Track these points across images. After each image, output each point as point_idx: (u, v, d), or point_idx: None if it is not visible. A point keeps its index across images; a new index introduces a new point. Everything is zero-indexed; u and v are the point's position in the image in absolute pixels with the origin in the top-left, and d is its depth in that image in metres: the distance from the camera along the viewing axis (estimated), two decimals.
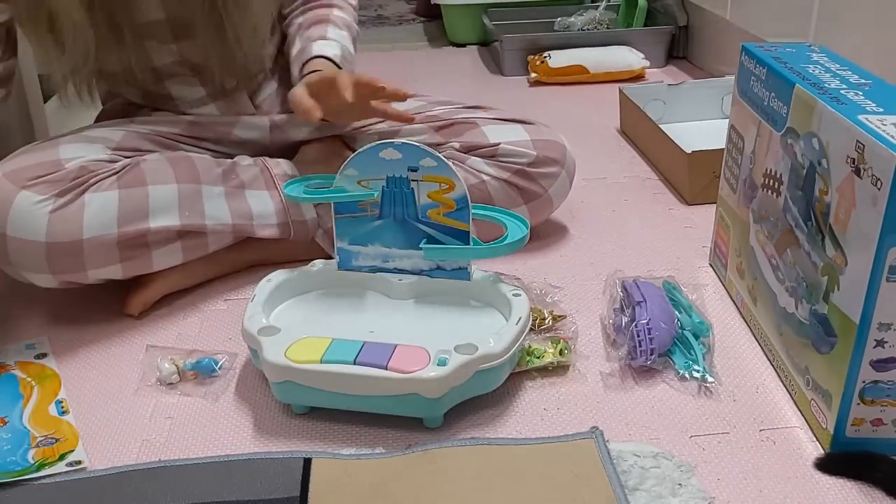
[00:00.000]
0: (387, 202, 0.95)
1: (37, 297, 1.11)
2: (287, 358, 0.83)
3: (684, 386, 0.90)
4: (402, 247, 0.97)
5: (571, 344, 0.95)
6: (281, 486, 0.77)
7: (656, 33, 2.09)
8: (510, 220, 0.97)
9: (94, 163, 1.01)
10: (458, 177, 0.91)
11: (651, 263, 1.16)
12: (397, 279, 0.98)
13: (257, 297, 0.94)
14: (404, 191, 0.93)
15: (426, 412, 0.84)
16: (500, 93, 1.95)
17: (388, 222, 0.96)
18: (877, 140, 0.70)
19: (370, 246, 0.97)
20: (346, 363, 0.83)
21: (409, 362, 0.82)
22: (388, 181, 0.94)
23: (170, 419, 0.88)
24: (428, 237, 0.95)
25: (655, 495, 0.75)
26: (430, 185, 0.92)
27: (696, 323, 0.97)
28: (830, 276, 0.78)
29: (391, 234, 0.96)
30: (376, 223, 0.96)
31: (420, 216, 0.94)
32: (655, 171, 1.47)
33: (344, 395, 0.84)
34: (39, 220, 0.96)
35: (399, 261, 0.98)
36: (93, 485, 0.78)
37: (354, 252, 0.98)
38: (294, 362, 0.83)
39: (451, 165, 0.91)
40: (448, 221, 0.94)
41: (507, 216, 0.97)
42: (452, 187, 0.92)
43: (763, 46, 0.98)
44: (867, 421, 0.79)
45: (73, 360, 0.99)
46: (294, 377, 0.84)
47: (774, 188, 0.91)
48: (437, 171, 0.91)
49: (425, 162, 0.91)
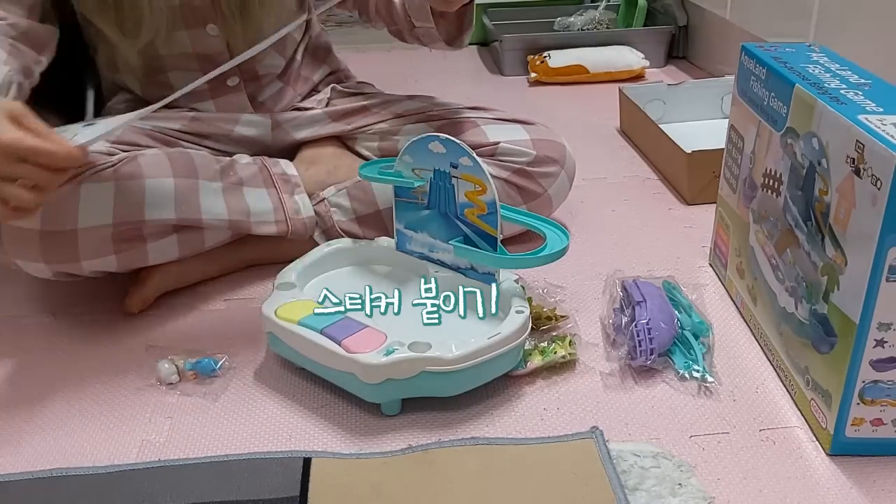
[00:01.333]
0: (433, 194, 0.96)
1: (36, 296, 1.11)
2: (274, 313, 0.90)
3: (684, 386, 0.91)
4: (443, 239, 0.98)
5: (577, 340, 0.95)
6: (281, 486, 0.77)
7: (656, 33, 2.09)
8: (550, 229, 0.94)
9: (92, 154, 1.01)
10: (489, 180, 0.90)
11: (651, 263, 1.16)
12: (434, 270, 0.99)
13: (308, 257, 1.02)
14: (446, 185, 0.94)
15: (366, 395, 0.86)
16: (499, 93, 1.95)
17: (434, 213, 0.97)
18: (876, 140, 0.70)
19: (420, 233, 0.99)
20: (314, 330, 0.87)
21: (361, 344, 0.85)
22: (435, 174, 0.95)
23: (170, 419, 0.88)
24: (465, 235, 0.95)
25: (655, 495, 0.75)
26: (467, 185, 0.93)
27: (696, 323, 0.97)
28: (830, 276, 0.78)
29: (436, 226, 0.98)
30: (425, 212, 0.98)
31: (459, 214, 0.95)
32: (655, 171, 1.47)
33: (309, 359, 0.89)
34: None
35: (441, 253, 0.99)
36: (93, 484, 0.78)
37: (408, 236, 1.01)
38: (276, 318, 0.90)
39: (485, 168, 0.90)
40: (480, 224, 0.93)
41: (546, 224, 0.95)
42: (484, 190, 0.91)
43: (763, 46, 0.98)
44: (867, 421, 0.79)
45: (72, 360, 0.99)
46: (274, 330, 0.91)
47: (774, 188, 0.91)
48: (472, 172, 0.91)
49: (464, 160, 0.91)
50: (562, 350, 0.93)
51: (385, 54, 2.31)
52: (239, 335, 1.02)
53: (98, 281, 1.09)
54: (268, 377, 0.94)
